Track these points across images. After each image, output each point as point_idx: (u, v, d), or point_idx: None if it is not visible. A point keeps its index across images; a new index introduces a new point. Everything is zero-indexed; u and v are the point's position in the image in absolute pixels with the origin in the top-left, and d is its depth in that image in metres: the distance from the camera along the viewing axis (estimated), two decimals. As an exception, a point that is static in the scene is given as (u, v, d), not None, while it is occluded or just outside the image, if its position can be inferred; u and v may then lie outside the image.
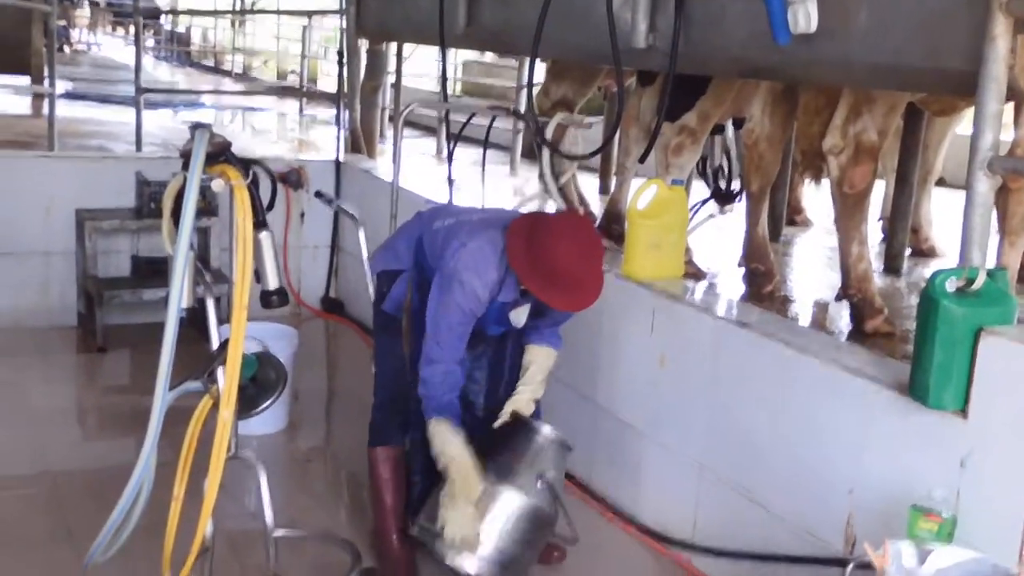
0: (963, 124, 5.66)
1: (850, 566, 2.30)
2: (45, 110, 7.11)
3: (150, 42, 22.69)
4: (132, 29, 13.40)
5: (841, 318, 4.20)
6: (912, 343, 2.69)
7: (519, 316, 3.12)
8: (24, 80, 11.07)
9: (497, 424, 3.12)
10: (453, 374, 3.01)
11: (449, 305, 2.95)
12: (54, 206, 5.49)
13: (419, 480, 3.27)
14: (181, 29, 23.57)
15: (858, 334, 3.97)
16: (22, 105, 11.40)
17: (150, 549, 2.74)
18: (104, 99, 12.23)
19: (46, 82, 7.51)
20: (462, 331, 2.99)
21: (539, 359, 3.24)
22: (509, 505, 2.93)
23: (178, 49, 22.53)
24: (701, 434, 3.44)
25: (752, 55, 3.50)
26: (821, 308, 4.45)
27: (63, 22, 20.71)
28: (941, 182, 6.02)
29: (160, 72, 18.87)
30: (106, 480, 3.15)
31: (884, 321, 4.01)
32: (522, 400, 3.18)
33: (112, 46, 23.04)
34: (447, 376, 2.99)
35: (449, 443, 2.92)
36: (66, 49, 20.22)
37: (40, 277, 5.55)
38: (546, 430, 3.09)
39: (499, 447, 3.05)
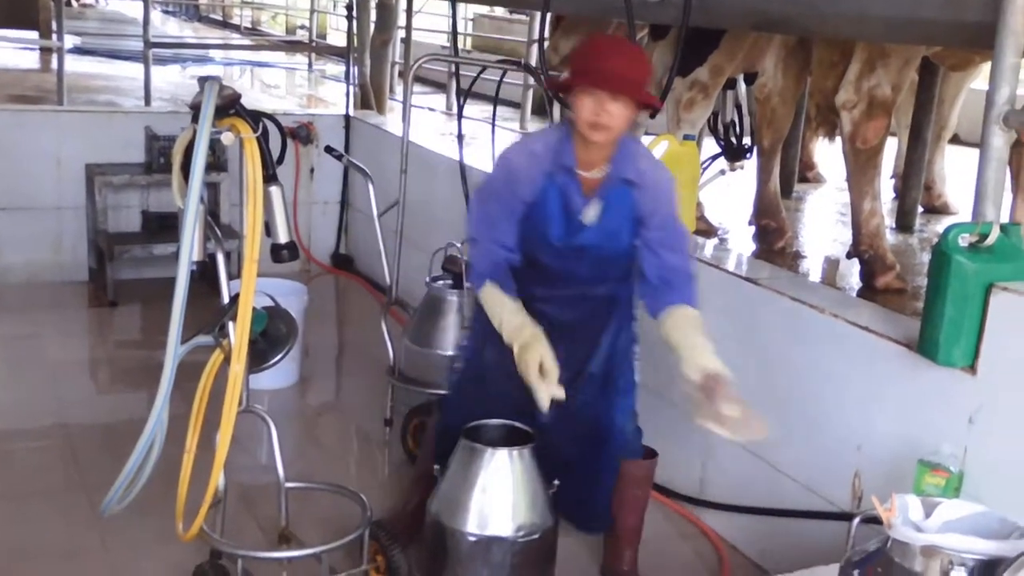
0: (978, 79, 5.60)
1: (856, 520, 2.31)
2: (54, 65, 7.09)
3: (158, -4, 22.49)
4: (140, -17, 13.29)
5: (852, 274, 4.19)
6: (923, 300, 2.68)
7: (589, 213, 2.67)
8: (32, 35, 11.01)
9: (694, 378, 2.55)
10: (494, 252, 2.67)
11: (485, 181, 2.72)
12: (64, 161, 5.49)
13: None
14: (189, -17, 23.37)
15: (869, 290, 3.97)
16: (31, 60, 11.35)
17: (163, 500, 2.78)
18: (112, 54, 12.15)
19: (54, 37, 7.49)
20: (496, 208, 2.65)
21: (681, 322, 2.64)
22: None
23: (186, 3, 22.34)
24: (710, 390, 3.44)
25: (766, 7, 3.46)
26: (832, 264, 4.44)
27: (70, -24, 20.55)
28: (955, 138, 5.97)
29: (169, 27, 18.73)
30: (120, 432, 3.18)
31: (895, 277, 4.00)
32: (709, 358, 2.57)
33: (120, 0, 22.86)
34: (489, 253, 2.67)
35: (503, 308, 2.63)
36: (74, 3, 20.06)
37: (52, 232, 5.56)
38: None
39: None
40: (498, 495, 2.80)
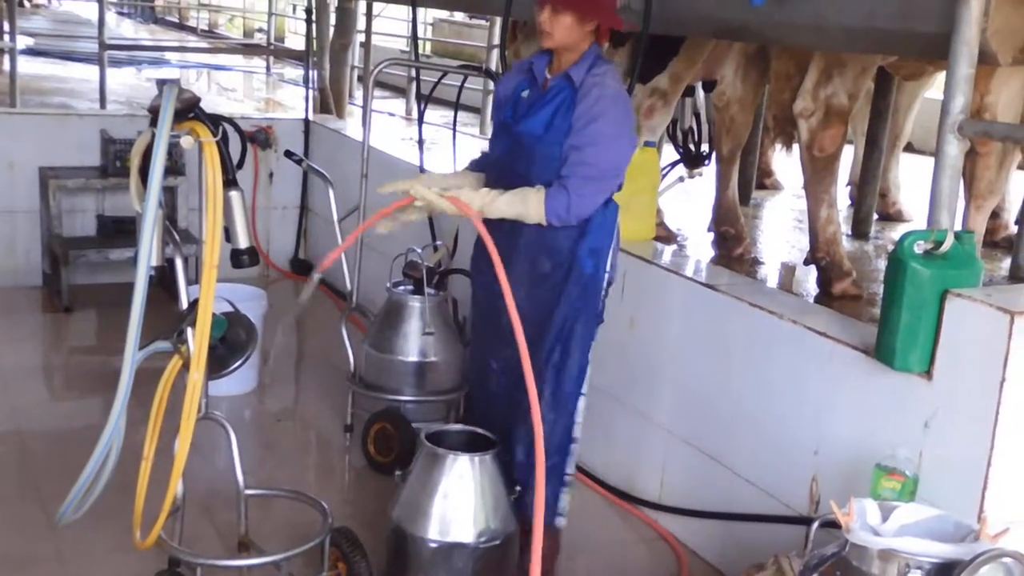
0: (931, 88, 5.69)
1: (815, 524, 2.34)
2: (5, 66, 6.98)
3: (113, -3, 22.19)
4: (95, -16, 13.07)
5: (809, 280, 4.24)
6: (879, 306, 2.72)
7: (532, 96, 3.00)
8: (-17, 35, 10.82)
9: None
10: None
11: None
12: (17, 164, 5.40)
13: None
14: (145, -16, 23.08)
15: (826, 296, 4.02)
16: (-19, 61, 11.16)
17: (120, 509, 2.74)
18: (66, 56, 11.99)
19: (6, 37, 7.37)
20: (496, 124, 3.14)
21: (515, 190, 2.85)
22: None
23: (142, 4, 22.08)
24: (669, 396, 3.47)
25: (726, 16, 3.49)
26: (789, 270, 4.49)
27: (23, -24, 20.21)
28: (909, 147, 6.07)
29: (124, 28, 18.51)
30: (75, 440, 3.13)
31: (852, 284, 4.06)
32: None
33: (74, 1, 22.54)
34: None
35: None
36: (26, 3, 19.76)
37: (5, 236, 5.47)
38: None
39: None
40: (460, 501, 2.80)
